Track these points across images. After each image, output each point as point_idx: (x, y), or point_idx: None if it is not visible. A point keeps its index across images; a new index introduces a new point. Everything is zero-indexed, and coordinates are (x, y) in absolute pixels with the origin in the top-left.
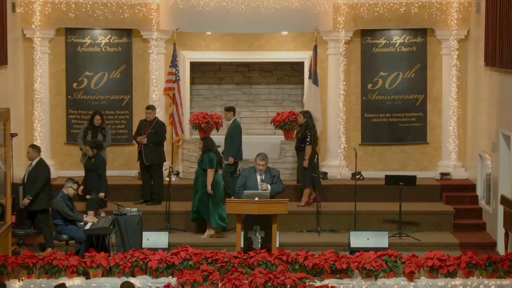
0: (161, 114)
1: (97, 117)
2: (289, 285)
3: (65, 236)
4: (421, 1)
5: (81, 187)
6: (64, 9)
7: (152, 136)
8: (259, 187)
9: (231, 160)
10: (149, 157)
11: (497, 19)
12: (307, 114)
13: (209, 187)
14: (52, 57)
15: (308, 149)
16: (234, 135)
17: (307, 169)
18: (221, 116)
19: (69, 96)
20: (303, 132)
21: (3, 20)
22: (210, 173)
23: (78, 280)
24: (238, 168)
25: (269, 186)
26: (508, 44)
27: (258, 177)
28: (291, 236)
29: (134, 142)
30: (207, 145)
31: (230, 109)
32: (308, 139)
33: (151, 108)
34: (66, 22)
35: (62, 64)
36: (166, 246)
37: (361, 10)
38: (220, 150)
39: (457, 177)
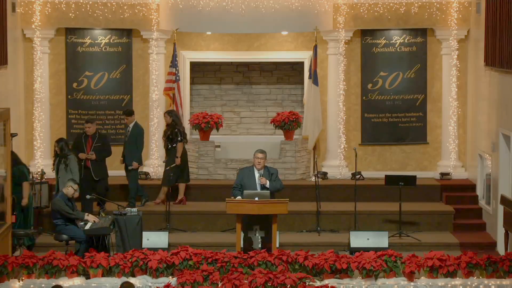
0: (161, 114)
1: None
2: (289, 285)
3: (65, 236)
4: (421, 1)
5: None
6: (64, 9)
7: (100, 150)
8: (257, 181)
9: (135, 164)
10: (98, 172)
11: (497, 19)
12: (172, 113)
13: (25, 200)
14: (52, 57)
15: (180, 146)
16: (139, 139)
17: (179, 166)
18: (221, 116)
19: (69, 96)
20: (172, 131)
21: (3, 20)
22: (26, 185)
23: (78, 280)
24: (238, 168)
25: (267, 181)
26: (508, 44)
27: (256, 174)
28: (291, 236)
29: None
30: (14, 159)
31: (132, 113)
32: (179, 137)
33: (90, 121)
34: (66, 22)
35: (62, 64)
36: (166, 246)
37: (361, 10)
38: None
39: (457, 177)
